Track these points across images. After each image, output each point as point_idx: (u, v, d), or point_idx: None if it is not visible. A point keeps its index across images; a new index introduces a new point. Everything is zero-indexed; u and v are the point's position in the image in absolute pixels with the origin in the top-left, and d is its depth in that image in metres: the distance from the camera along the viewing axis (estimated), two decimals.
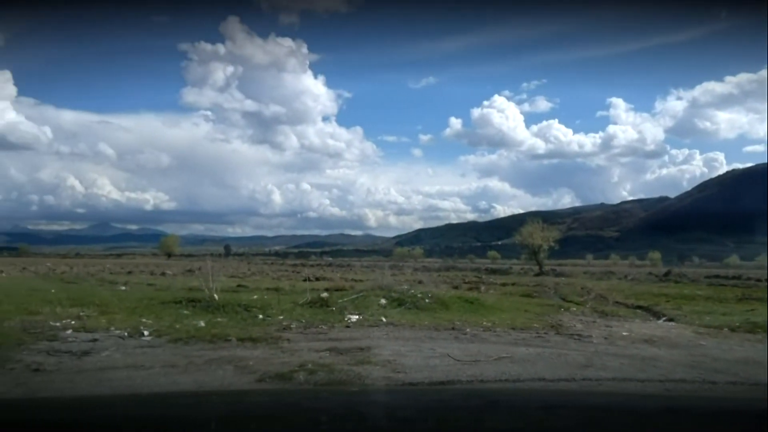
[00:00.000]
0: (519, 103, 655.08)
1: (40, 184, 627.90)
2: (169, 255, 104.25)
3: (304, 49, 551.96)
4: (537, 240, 53.33)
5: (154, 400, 2.54)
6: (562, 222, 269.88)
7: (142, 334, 9.48)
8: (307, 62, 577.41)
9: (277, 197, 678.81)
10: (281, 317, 11.97)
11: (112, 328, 10.00)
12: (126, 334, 9.52)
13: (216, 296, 13.29)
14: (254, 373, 6.82)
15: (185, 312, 12.16)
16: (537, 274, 45.34)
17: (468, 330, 11.04)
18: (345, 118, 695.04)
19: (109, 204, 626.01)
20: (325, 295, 15.07)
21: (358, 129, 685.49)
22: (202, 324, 10.61)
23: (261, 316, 11.98)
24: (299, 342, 9.25)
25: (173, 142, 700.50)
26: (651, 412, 1.98)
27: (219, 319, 11.39)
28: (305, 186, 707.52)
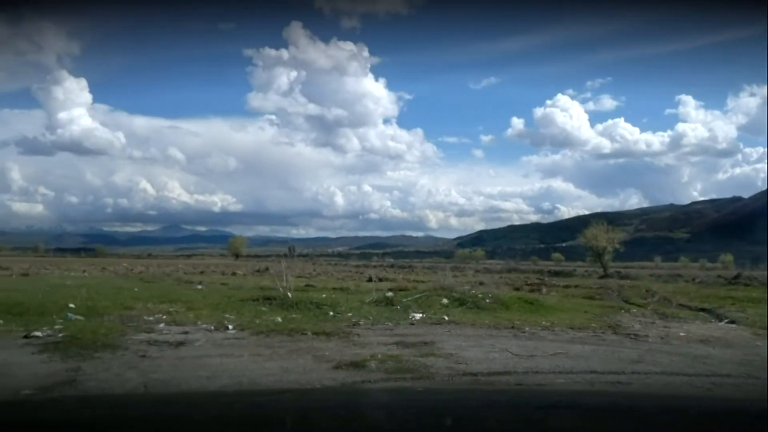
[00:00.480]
0: (583, 102, 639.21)
1: (114, 187, 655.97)
2: (237, 256, 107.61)
3: (365, 52, 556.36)
4: (601, 242, 52.71)
5: (154, 400, 2.55)
6: (629, 223, 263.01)
7: (227, 328, 10.48)
8: (368, 65, 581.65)
9: (339, 199, 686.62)
10: (350, 314, 12.82)
11: (199, 323, 11.07)
12: (212, 327, 10.54)
13: (290, 294, 14.27)
14: (330, 361, 7.63)
15: (263, 309, 13.18)
16: (601, 277, 44.88)
17: (527, 329, 11.58)
18: (406, 119, 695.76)
19: (179, 206, 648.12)
20: (390, 294, 15.87)
21: (419, 131, 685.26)
22: (279, 319, 11.56)
23: (331, 313, 12.87)
24: (368, 336, 10.05)
25: (240, 146, 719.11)
26: (651, 412, 1.96)
27: (294, 316, 12.34)
28: (367, 188, 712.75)
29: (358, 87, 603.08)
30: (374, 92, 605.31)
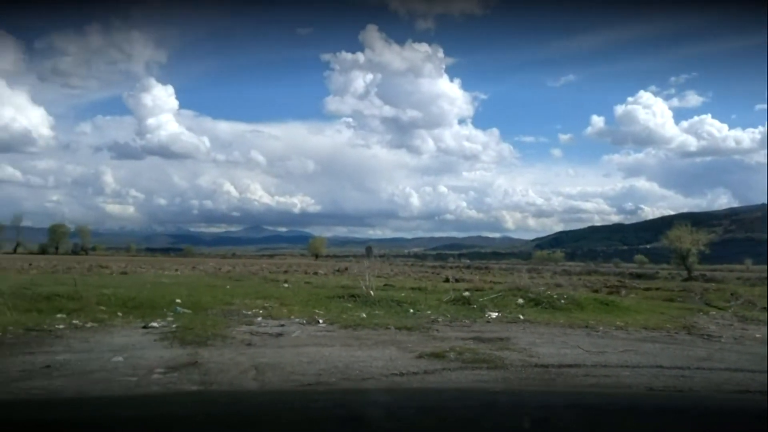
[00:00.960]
0: (667, 98, 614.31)
1: (199, 189, 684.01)
2: (317, 256, 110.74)
3: (440, 53, 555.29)
4: (685, 244, 51.18)
5: (154, 400, 2.55)
6: (718, 224, 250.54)
7: (318, 322, 11.51)
8: (443, 66, 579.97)
9: (414, 200, 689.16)
10: (429, 312, 13.63)
11: (293, 317, 12.16)
12: (305, 321, 11.60)
13: (372, 293, 15.23)
14: (413, 352, 8.46)
15: (348, 305, 14.20)
16: (685, 279, 43.73)
17: (600, 328, 12.02)
18: (481, 119, 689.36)
19: (260, 208, 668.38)
20: (467, 294, 16.58)
21: (495, 130, 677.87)
22: (364, 315, 12.52)
23: (411, 311, 13.74)
24: (447, 332, 10.83)
25: (318, 149, 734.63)
26: (651, 412, 1.97)
27: (376, 312, 13.27)
28: (442, 188, 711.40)
29: (433, 88, 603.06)
30: (449, 93, 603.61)
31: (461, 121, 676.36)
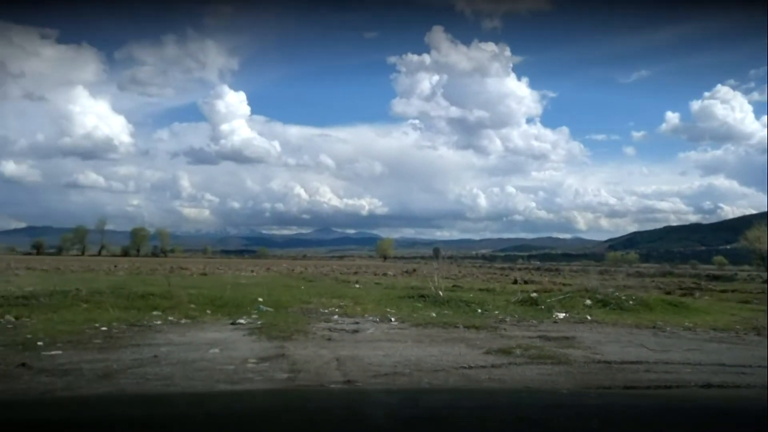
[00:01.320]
0: (746, 92, 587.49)
1: (271, 192, 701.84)
2: (385, 257, 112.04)
3: (507, 52, 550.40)
4: (765, 244, 49.21)
5: (154, 400, 2.54)
6: None
7: (390, 320, 12.20)
8: (511, 65, 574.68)
9: (482, 201, 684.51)
10: (496, 312, 14.11)
11: (366, 315, 12.91)
12: (378, 319, 12.32)
13: (441, 293, 15.82)
14: (481, 348, 9.01)
15: (418, 305, 14.87)
16: (766, 281, 42.07)
17: (668, 329, 12.20)
18: (550, 118, 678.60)
19: (329, 210, 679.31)
20: (534, 295, 16.93)
21: (564, 129, 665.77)
22: (434, 314, 13.14)
23: (479, 311, 14.26)
24: (514, 331, 11.31)
25: (385, 151, 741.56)
26: (651, 412, 1.96)
27: (445, 312, 13.87)
28: (510, 189, 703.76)
29: (500, 87, 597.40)
30: (517, 92, 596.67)
31: (529, 120, 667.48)
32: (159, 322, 11.22)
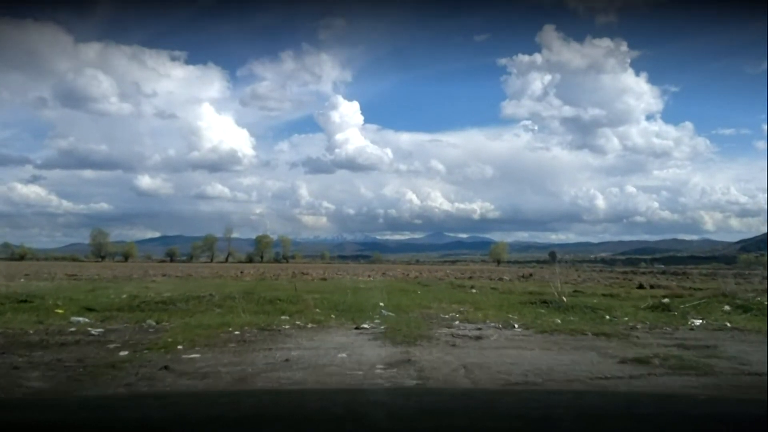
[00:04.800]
0: None
1: (384, 199, 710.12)
2: (498, 261, 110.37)
3: (624, 47, 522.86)
4: None
5: (154, 400, 2.55)
6: None
7: (513, 327, 11.93)
8: (628, 60, 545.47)
9: (600, 202, 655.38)
10: (626, 318, 13.45)
11: (488, 321, 12.71)
12: (500, 326, 12.08)
13: (564, 299, 15.31)
14: (614, 357, 8.60)
15: (540, 311, 14.47)
16: None
17: None
18: (671, 113, 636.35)
19: (441, 214, 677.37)
20: (666, 300, 16.00)
21: (688, 124, 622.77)
22: (558, 321, 12.71)
23: (607, 317, 13.65)
24: (647, 339, 10.70)
25: (495, 154, 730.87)
26: (651, 412, 1.96)
27: (571, 318, 13.39)
28: (630, 189, 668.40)
29: (617, 84, 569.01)
30: (635, 87, 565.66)
31: (649, 117, 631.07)
32: (287, 327, 11.60)
